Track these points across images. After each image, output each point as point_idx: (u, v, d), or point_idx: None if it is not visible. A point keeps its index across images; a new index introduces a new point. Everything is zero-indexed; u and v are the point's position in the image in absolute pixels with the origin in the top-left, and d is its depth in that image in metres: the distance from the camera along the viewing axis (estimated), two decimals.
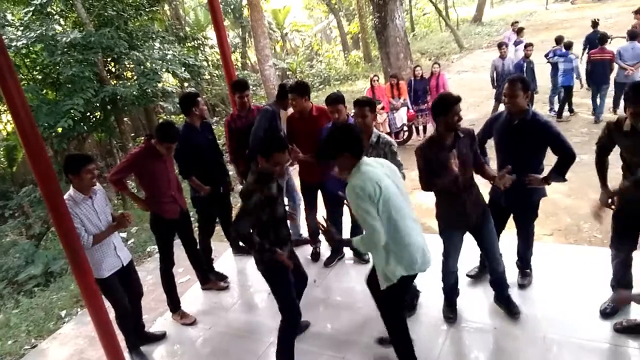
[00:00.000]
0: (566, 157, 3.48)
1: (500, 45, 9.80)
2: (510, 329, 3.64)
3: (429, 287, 3.99)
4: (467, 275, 4.29)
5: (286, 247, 3.32)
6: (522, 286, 4.05)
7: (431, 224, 4.30)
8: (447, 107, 3.20)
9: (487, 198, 3.72)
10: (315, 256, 5.13)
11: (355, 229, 4.41)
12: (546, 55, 10.14)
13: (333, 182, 4.44)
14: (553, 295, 3.91)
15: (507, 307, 3.79)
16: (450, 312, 3.85)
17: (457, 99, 3.21)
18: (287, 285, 3.34)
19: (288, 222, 3.45)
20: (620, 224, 3.42)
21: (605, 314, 3.56)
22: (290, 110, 4.80)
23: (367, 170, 2.82)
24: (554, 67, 9.71)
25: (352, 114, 4.16)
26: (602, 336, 3.39)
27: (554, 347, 3.37)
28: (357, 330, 3.93)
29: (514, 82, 3.51)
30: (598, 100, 9.18)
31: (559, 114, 9.62)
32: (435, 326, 3.79)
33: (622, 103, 3.87)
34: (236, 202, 6.28)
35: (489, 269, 3.80)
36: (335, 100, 4.21)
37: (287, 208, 3.62)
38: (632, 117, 3.07)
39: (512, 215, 3.96)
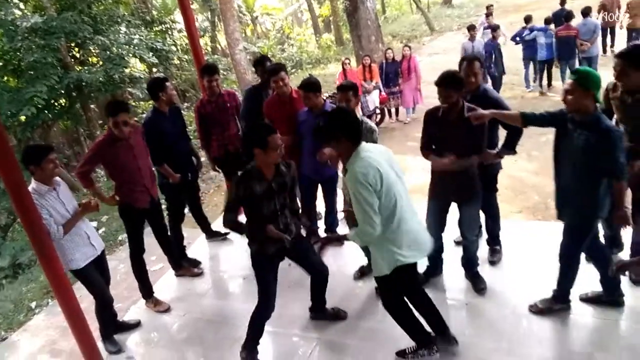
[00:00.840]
0: (514, 131, 3.61)
1: (469, 28, 9.90)
2: (481, 304, 3.73)
3: None
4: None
5: (274, 245, 3.30)
6: (492, 262, 4.15)
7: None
8: (439, 84, 3.29)
9: None
10: None
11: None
12: (514, 38, 10.29)
13: (308, 165, 4.43)
14: (522, 270, 4.01)
15: (473, 283, 3.90)
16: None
17: (454, 85, 3.24)
18: (264, 272, 3.37)
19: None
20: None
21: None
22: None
23: (367, 157, 2.71)
24: (529, 44, 9.89)
25: (327, 97, 4.13)
26: (568, 309, 3.49)
27: (523, 321, 3.48)
28: None
29: (472, 62, 3.66)
30: (568, 74, 9.45)
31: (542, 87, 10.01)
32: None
33: None
34: (205, 188, 6.21)
35: (462, 247, 3.89)
36: (309, 87, 4.15)
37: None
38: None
39: None
